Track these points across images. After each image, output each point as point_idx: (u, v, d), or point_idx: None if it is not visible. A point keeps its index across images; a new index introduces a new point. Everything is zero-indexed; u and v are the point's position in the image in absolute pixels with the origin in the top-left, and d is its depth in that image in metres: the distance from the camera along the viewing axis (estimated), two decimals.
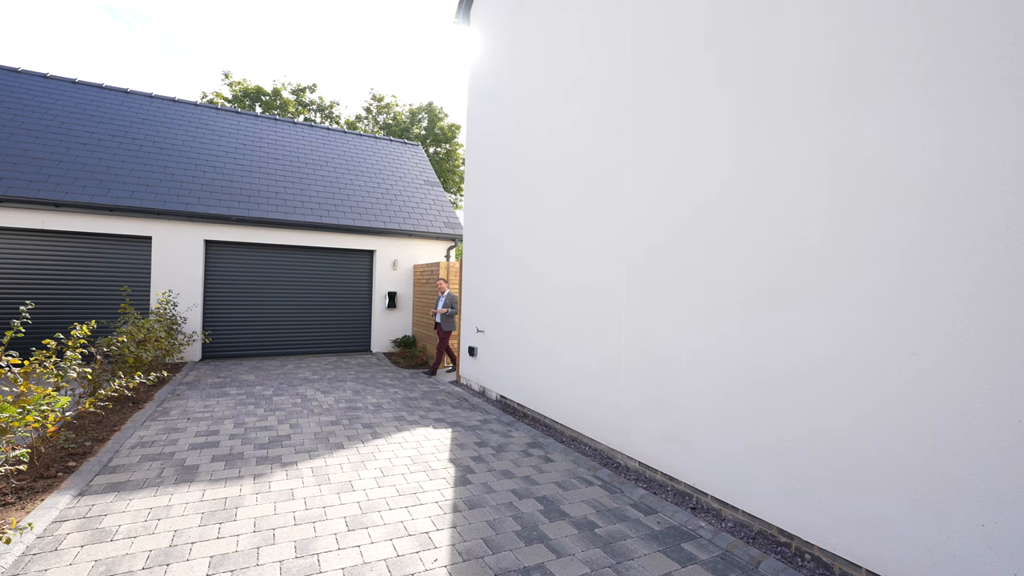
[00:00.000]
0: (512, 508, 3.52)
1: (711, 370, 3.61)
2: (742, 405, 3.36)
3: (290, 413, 5.76)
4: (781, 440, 3.10)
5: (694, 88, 3.84)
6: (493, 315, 7.02)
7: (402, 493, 3.69)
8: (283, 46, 46.30)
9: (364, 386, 7.51)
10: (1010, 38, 2.20)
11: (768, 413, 3.18)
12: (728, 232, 3.50)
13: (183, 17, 43.71)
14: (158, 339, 5.97)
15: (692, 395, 3.76)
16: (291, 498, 3.50)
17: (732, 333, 3.44)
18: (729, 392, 3.45)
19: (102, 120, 10.33)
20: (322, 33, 47.09)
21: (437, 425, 5.58)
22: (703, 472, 3.67)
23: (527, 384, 6.08)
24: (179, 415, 5.47)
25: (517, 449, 4.86)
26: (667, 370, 4.00)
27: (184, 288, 8.97)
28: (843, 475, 2.77)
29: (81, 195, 8.29)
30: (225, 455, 4.30)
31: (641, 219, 4.32)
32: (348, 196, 11.44)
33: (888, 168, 2.61)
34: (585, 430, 5.01)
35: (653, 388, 4.16)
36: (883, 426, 2.59)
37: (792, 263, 3.08)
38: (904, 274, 2.53)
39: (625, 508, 3.62)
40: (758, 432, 3.25)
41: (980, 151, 2.28)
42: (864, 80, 2.75)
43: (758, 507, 3.24)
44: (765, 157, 3.27)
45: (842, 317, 2.80)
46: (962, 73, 2.35)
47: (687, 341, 3.81)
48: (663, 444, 4.04)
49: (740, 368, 3.38)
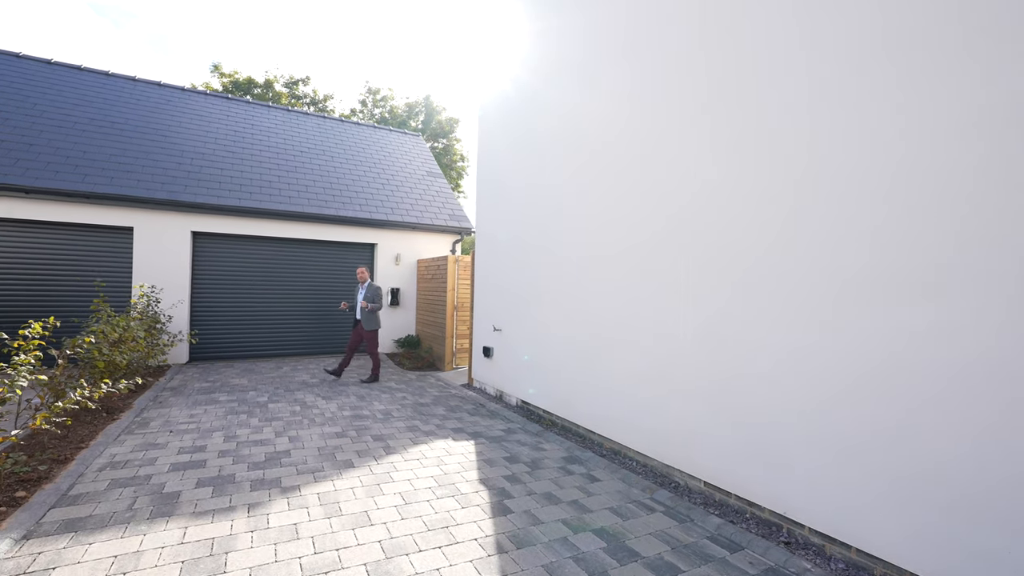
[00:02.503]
0: (569, 546, 2.86)
1: (810, 374, 2.96)
2: (862, 418, 2.71)
3: (288, 423, 5.05)
4: (924, 464, 2.45)
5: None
6: (513, 312, 6.34)
7: (431, 527, 3.01)
8: (275, 41, 45.23)
9: (368, 390, 6.80)
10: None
11: (908, 430, 2.53)
12: (850, 200, 2.85)
13: (170, 14, 42.55)
14: (136, 339, 5.21)
15: (782, 404, 3.11)
16: (295, 536, 2.81)
17: (848, 328, 2.78)
18: (841, 401, 2.80)
19: (79, 103, 9.51)
20: (315, 26, 46.05)
21: (457, 436, 4.90)
22: (797, 498, 3.02)
23: (556, 389, 5.42)
24: (160, 427, 4.75)
25: (554, 465, 4.20)
26: (745, 373, 3.35)
27: (169, 283, 8.20)
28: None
29: (54, 181, 7.50)
30: (213, 478, 3.59)
31: (713, 186, 3.65)
32: (347, 186, 10.70)
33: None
34: (631, 443, 4.36)
35: (724, 394, 3.50)
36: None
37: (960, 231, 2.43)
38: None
39: (704, 543, 2.97)
40: (887, 452, 2.60)
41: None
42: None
43: (885, 547, 2.59)
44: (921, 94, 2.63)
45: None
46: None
47: (777, 338, 3.16)
48: (739, 462, 3.39)
49: (857, 372, 2.73)
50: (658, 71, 4.15)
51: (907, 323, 2.53)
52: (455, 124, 28.33)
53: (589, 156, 4.94)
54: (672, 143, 3.99)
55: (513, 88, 6.59)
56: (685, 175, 3.86)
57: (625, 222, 4.46)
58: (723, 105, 3.56)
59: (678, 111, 3.94)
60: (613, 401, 4.57)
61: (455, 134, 28.31)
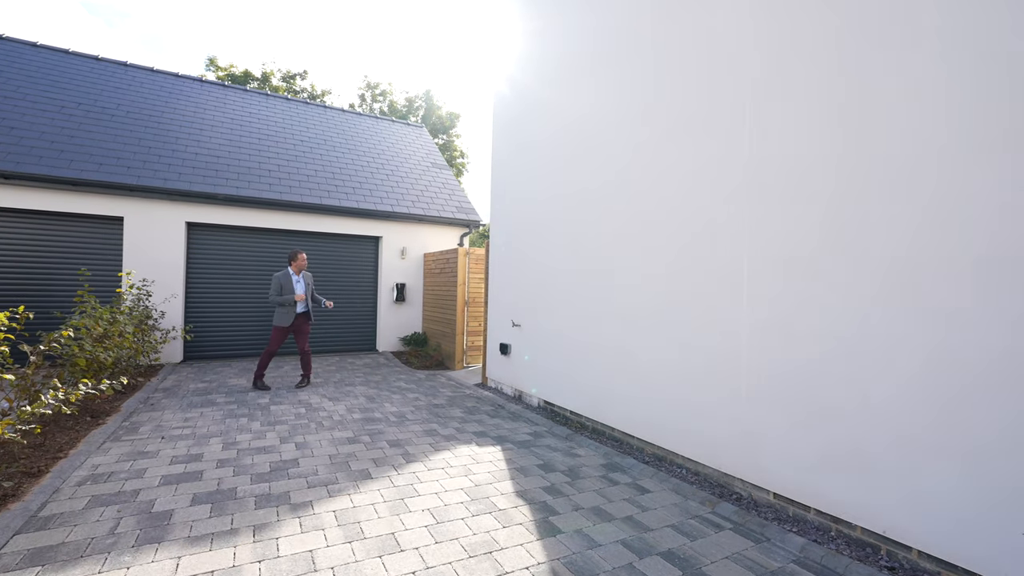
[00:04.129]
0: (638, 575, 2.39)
1: (913, 368, 2.51)
2: (998, 417, 2.26)
3: (294, 428, 4.56)
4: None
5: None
6: (533, 305, 5.87)
7: (472, 553, 2.54)
8: (270, 39, 44.57)
9: (377, 391, 6.32)
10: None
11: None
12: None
13: (163, 13, 41.86)
14: (123, 334, 4.70)
15: (881, 403, 2.66)
16: (312, 568, 2.33)
17: (974, 313, 2.33)
18: (969, 398, 2.35)
19: (67, 86, 8.97)
20: (311, 22, 45.41)
21: (481, 441, 4.43)
22: (901, 515, 2.57)
23: (585, 388, 4.95)
24: (151, 432, 4.25)
25: (594, 474, 3.74)
26: (828, 369, 2.90)
27: (162, 277, 7.68)
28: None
29: (37, 166, 6.97)
30: (211, 493, 3.10)
31: (786, 147, 3.20)
32: (350, 177, 10.20)
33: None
34: (680, 448, 3.90)
35: (799, 394, 3.05)
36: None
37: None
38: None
39: (793, 570, 2.51)
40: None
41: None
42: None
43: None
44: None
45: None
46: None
47: (869, 327, 2.70)
48: (820, 472, 2.94)
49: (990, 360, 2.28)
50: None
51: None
52: (455, 119, 27.83)
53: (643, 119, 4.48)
54: (722, 126, 3.54)
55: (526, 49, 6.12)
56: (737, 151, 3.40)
57: (671, 202, 4.00)
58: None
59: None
60: (655, 402, 4.11)
61: (455, 130, 27.81)
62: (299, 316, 6.22)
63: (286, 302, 6.02)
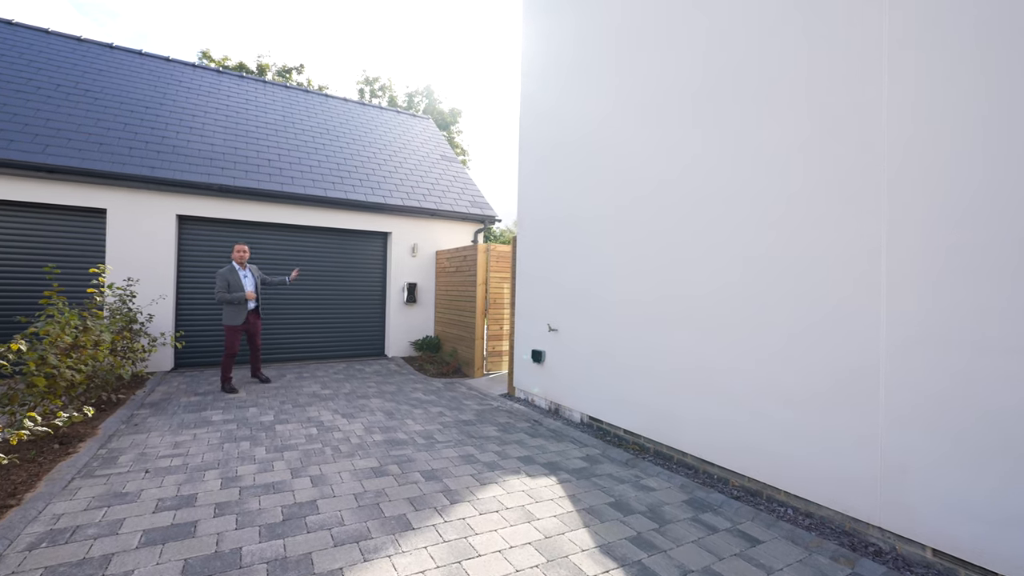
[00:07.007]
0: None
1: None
2: None
3: (306, 455, 3.82)
4: None
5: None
6: (574, 307, 5.16)
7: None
8: (264, 36, 43.60)
9: (395, 404, 5.58)
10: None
11: None
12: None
13: (152, 12, 40.82)
14: (98, 344, 3.90)
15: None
16: None
17: None
18: None
19: (44, 67, 8.15)
20: (307, 18, 44.48)
21: (530, 470, 3.70)
22: None
23: (644, 403, 4.24)
24: (133, 463, 3.49)
25: (681, 516, 3.03)
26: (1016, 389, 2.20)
27: (150, 275, 6.88)
28: None
29: (7, 150, 6.16)
30: (208, 559, 2.35)
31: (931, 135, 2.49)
32: (356, 168, 9.44)
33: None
34: (781, 482, 3.19)
35: (968, 419, 2.35)
36: None
37: None
38: None
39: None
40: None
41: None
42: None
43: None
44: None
45: None
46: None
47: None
48: (1006, 525, 2.24)
49: None
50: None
51: None
52: (457, 115, 27.10)
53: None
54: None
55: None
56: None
57: (787, 170, 3.30)
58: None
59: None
60: (748, 426, 3.40)
61: (456, 126, 27.06)
62: (250, 313, 6.08)
63: (236, 300, 5.85)
